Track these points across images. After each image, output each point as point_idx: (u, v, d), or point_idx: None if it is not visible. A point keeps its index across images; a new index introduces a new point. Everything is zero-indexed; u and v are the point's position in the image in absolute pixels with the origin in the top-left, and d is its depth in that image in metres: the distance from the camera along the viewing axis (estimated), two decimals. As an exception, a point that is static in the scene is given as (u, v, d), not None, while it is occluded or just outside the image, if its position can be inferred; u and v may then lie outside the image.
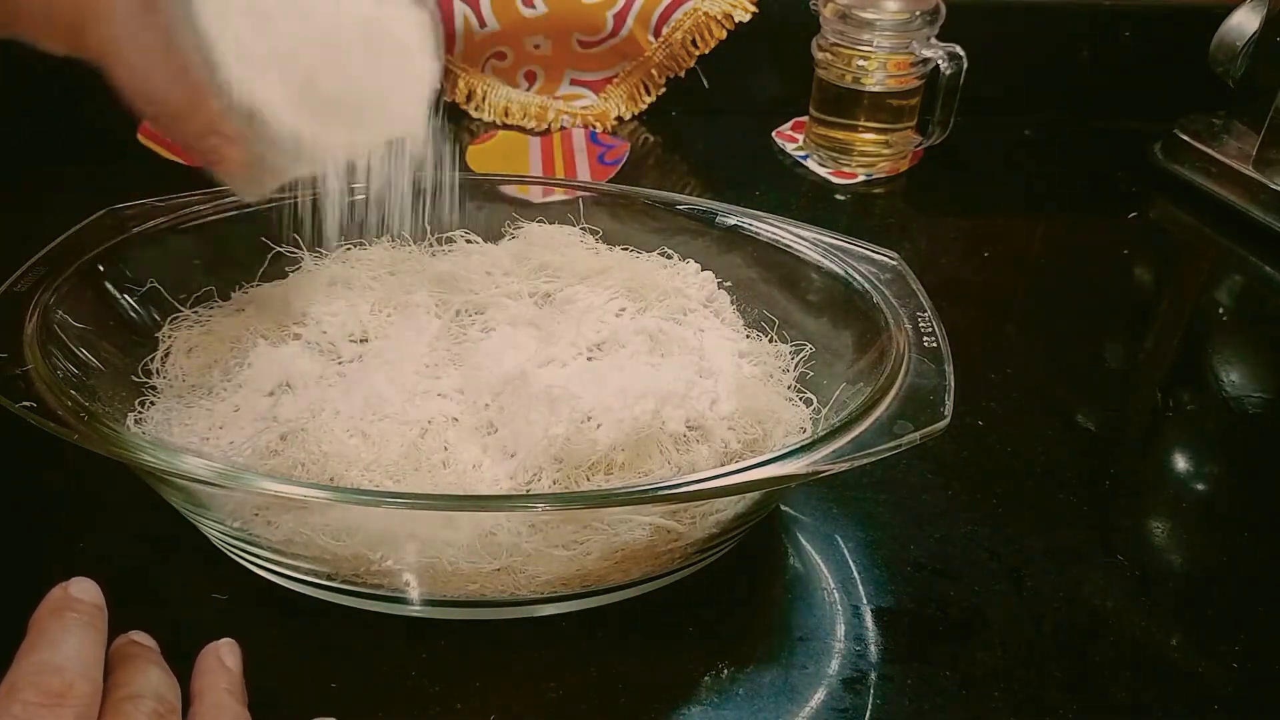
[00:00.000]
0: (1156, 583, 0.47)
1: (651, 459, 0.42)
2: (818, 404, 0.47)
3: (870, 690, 0.41)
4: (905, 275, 0.48)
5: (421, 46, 0.43)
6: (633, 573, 0.42)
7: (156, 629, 0.41)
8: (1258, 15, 0.76)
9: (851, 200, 0.79)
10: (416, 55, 0.43)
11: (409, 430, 0.44)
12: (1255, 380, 0.61)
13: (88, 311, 0.46)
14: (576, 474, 0.42)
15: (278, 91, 0.39)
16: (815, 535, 0.48)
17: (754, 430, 0.45)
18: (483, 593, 0.41)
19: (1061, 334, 0.64)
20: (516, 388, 0.45)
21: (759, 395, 0.47)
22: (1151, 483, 0.54)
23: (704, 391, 0.45)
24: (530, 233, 0.56)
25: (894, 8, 0.76)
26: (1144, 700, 0.41)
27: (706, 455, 0.43)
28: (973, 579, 0.46)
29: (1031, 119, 0.90)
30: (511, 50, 0.85)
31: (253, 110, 0.38)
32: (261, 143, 0.40)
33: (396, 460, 0.42)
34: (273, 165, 0.42)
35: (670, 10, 0.83)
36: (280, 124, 0.39)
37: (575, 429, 0.42)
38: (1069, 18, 0.87)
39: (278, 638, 0.43)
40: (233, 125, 0.40)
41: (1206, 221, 0.77)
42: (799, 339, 0.51)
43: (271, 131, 0.39)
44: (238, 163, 0.40)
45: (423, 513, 0.38)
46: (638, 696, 0.41)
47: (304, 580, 0.42)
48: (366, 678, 0.41)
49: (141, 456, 0.37)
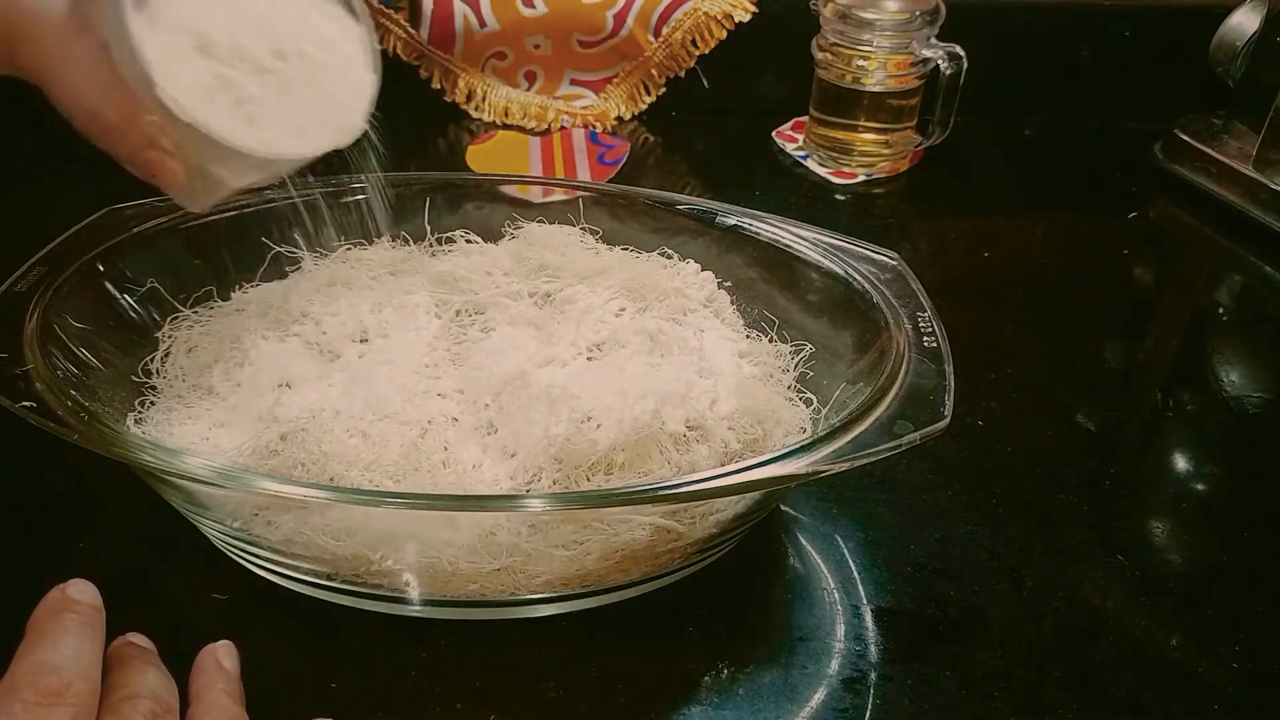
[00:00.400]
0: (1156, 583, 0.47)
1: (651, 459, 0.42)
2: (818, 404, 0.47)
3: (870, 690, 0.41)
4: (905, 275, 0.48)
5: (361, 59, 0.44)
6: (633, 573, 0.42)
7: (156, 629, 0.41)
8: (1258, 15, 0.76)
9: (851, 200, 0.79)
10: (357, 67, 0.43)
11: (409, 430, 0.44)
12: (1255, 380, 0.61)
13: (88, 311, 0.46)
14: (576, 474, 0.42)
15: (218, 105, 0.39)
16: (815, 535, 0.48)
17: (754, 430, 0.45)
18: (483, 593, 0.41)
19: (1061, 334, 0.64)
20: (516, 388, 0.45)
21: (759, 395, 0.47)
22: (1151, 483, 0.54)
23: (704, 391, 0.45)
24: (530, 233, 0.56)
25: (894, 8, 0.76)
26: (1144, 700, 0.41)
27: (706, 455, 0.43)
28: (973, 579, 0.46)
29: (1031, 119, 0.90)
30: (511, 50, 0.85)
31: (191, 124, 0.38)
32: (201, 156, 0.40)
33: (396, 460, 0.42)
34: (214, 177, 0.42)
35: (670, 10, 0.83)
36: (220, 137, 0.39)
37: (575, 429, 0.42)
38: (1069, 18, 0.87)
39: (278, 638, 0.43)
40: (171, 139, 0.39)
41: (1206, 221, 0.77)
42: (799, 339, 0.51)
43: (211, 145, 0.39)
44: (178, 175, 0.40)
45: (423, 513, 0.38)
46: (638, 696, 0.41)
47: (304, 580, 0.42)
48: (366, 678, 0.41)
49: (141, 456, 0.37)
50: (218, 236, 0.52)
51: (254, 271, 0.54)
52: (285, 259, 0.54)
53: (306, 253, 0.54)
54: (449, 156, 0.81)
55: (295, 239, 0.54)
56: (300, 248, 0.54)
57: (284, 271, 0.54)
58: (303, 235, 0.53)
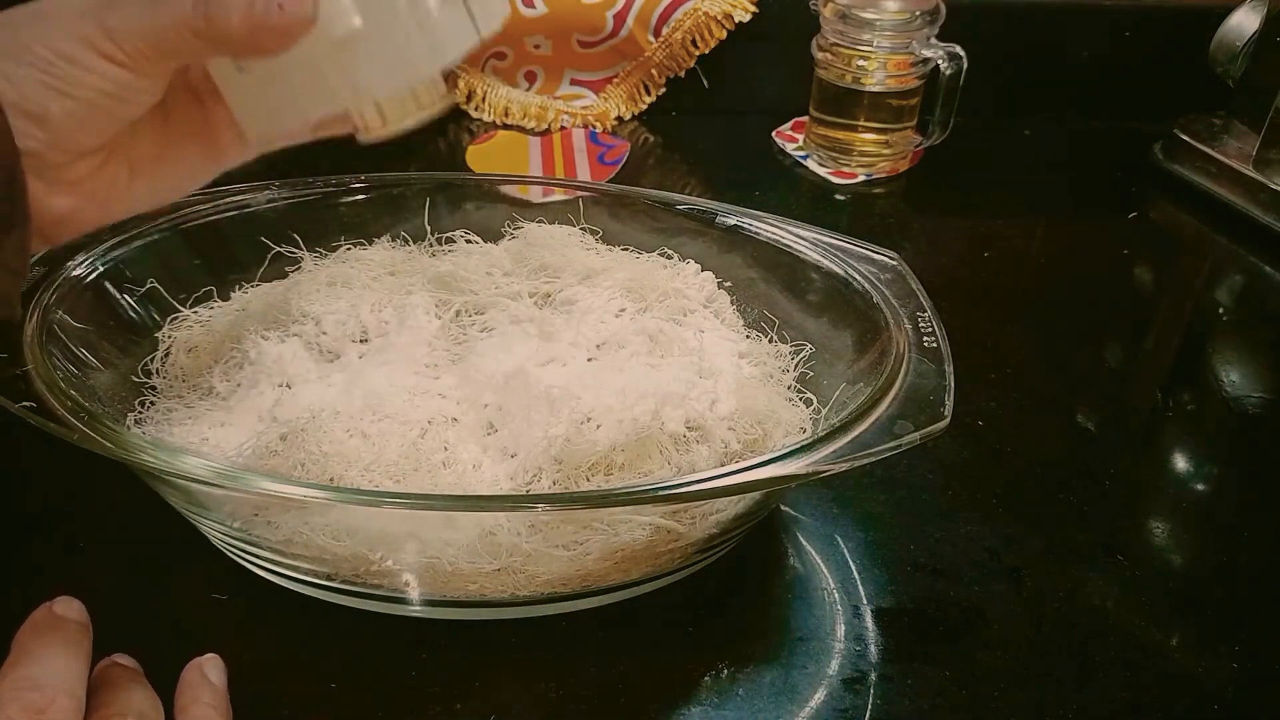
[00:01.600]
0: (1156, 583, 0.47)
1: (651, 459, 0.42)
2: (818, 404, 0.47)
3: (870, 690, 0.41)
4: (905, 275, 0.48)
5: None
6: (633, 573, 0.42)
7: (157, 630, 0.41)
8: (1258, 15, 0.76)
9: (851, 200, 0.79)
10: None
11: (409, 430, 0.44)
12: (1255, 380, 0.61)
13: (88, 311, 0.46)
14: (576, 474, 0.42)
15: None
16: (815, 535, 0.48)
17: (754, 430, 0.45)
18: (483, 593, 0.41)
19: (1061, 334, 0.64)
20: (516, 388, 0.45)
21: (759, 395, 0.47)
22: (1151, 483, 0.54)
23: (704, 392, 0.45)
24: (530, 233, 0.56)
25: (894, 8, 0.76)
26: (1144, 700, 0.41)
27: (706, 455, 0.43)
28: (973, 579, 0.46)
29: (1031, 119, 0.90)
30: (511, 50, 0.85)
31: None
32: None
33: (396, 460, 0.42)
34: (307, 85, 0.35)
35: (670, 10, 0.83)
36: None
37: (575, 429, 0.42)
38: (1069, 18, 0.87)
39: (278, 638, 0.43)
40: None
41: (1206, 221, 0.77)
42: (799, 339, 0.51)
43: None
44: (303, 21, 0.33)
45: (423, 513, 0.38)
46: (638, 696, 0.41)
47: (304, 580, 0.42)
48: (366, 678, 0.41)
49: (141, 456, 0.37)
50: (218, 236, 0.52)
51: (254, 271, 0.54)
52: (285, 259, 0.54)
53: (306, 253, 0.54)
54: (449, 156, 0.81)
55: (295, 239, 0.54)
56: (300, 247, 0.54)
57: (284, 271, 0.54)
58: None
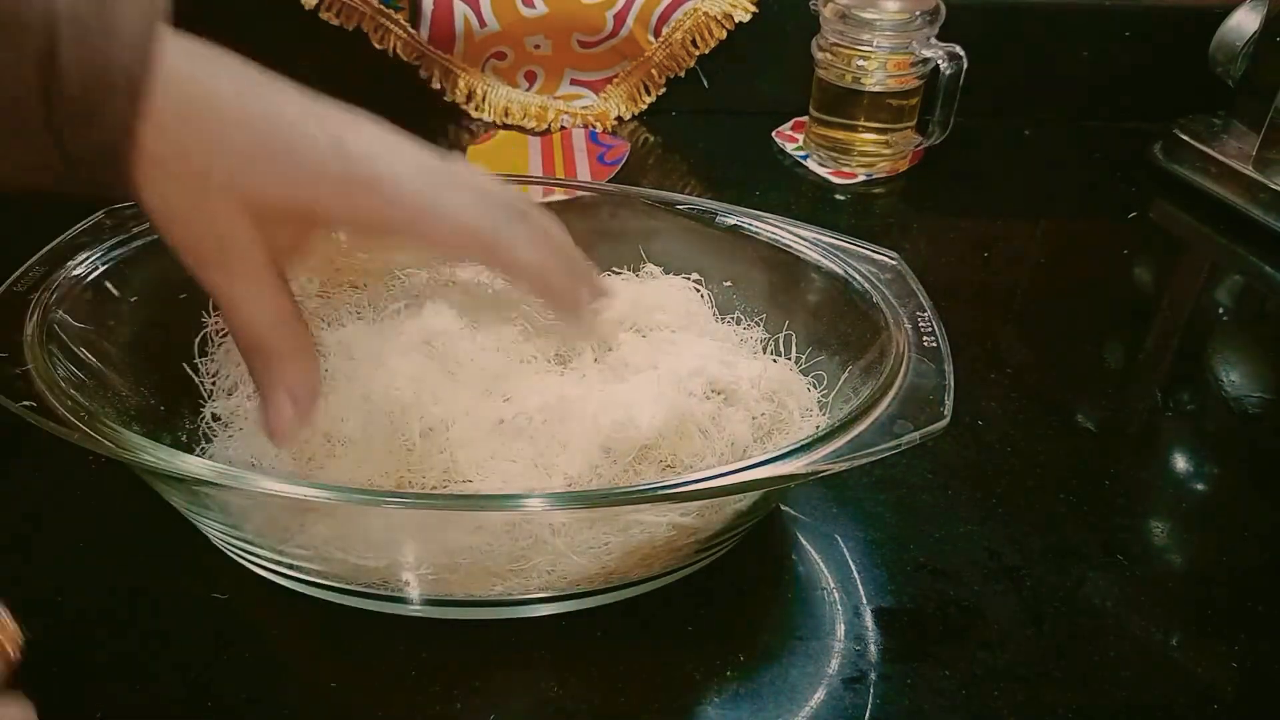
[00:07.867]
0: (1156, 583, 0.47)
1: (693, 440, 0.42)
2: (823, 391, 0.47)
3: (870, 690, 0.41)
4: (905, 275, 0.48)
5: None
6: (636, 571, 0.42)
7: (156, 630, 0.41)
8: (1258, 15, 0.76)
9: (851, 200, 0.79)
10: None
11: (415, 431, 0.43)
12: (1255, 380, 0.61)
13: (88, 311, 0.46)
14: (625, 464, 0.41)
15: None
16: (815, 535, 0.48)
17: (773, 400, 0.45)
18: (483, 593, 0.41)
19: (1061, 334, 0.64)
20: (534, 388, 0.45)
21: (772, 367, 0.47)
22: (1151, 483, 0.54)
23: (723, 363, 0.45)
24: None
25: (894, 8, 0.76)
26: (1144, 700, 0.41)
27: (740, 421, 0.43)
28: (973, 579, 0.46)
29: (1031, 119, 0.90)
30: (511, 50, 0.85)
31: None
32: None
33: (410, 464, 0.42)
34: None
35: (670, 10, 0.83)
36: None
37: (614, 421, 0.42)
38: (1069, 18, 0.87)
39: (278, 638, 0.43)
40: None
41: (1206, 221, 0.77)
42: (799, 339, 0.51)
43: None
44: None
45: (438, 519, 0.38)
46: (638, 696, 0.41)
47: (304, 580, 0.42)
48: (366, 678, 0.41)
49: (142, 456, 0.37)
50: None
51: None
52: (285, 259, 0.53)
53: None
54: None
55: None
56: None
57: (284, 271, 0.54)
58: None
